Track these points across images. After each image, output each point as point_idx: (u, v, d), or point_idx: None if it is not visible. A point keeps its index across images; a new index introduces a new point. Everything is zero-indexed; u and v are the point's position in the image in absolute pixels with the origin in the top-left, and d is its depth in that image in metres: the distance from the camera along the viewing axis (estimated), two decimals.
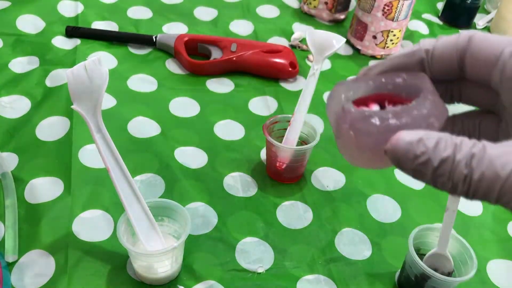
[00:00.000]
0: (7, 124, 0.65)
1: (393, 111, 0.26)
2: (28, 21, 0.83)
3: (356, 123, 0.26)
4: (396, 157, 0.24)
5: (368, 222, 0.60)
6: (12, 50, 0.77)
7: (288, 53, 0.81)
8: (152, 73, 0.78)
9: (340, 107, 0.27)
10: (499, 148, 0.22)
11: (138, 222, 0.48)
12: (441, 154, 0.22)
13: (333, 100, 0.29)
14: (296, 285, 0.53)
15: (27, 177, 0.59)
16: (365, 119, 0.26)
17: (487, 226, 0.62)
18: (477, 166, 0.22)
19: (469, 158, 0.22)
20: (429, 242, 0.53)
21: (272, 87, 0.79)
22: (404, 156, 0.23)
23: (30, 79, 0.73)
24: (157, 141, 0.66)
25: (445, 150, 0.22)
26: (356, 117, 0.26)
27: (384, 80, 0.28)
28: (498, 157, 0.22)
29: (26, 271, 0.50)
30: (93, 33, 0.82)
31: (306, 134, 0.64)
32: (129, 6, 0.90)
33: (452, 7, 1.00)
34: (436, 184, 0.23)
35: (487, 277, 0.57)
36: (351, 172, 0.66)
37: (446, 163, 0.22)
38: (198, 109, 0.73)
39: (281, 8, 0.97)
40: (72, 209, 0.56)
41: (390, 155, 0.24)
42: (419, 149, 0.23)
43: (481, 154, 0.22)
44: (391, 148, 0.24)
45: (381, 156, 0.25)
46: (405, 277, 0.53)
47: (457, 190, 0.23)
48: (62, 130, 0.65)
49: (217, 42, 0.81)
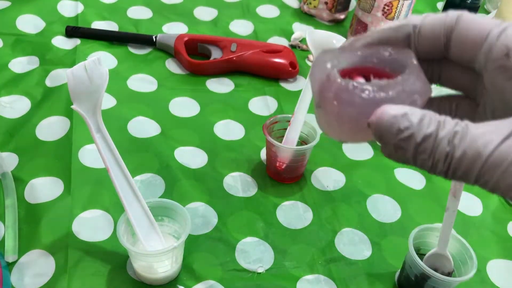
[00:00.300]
0: (7, 124, 0.65)
1: (378, 85, 0.25)
2: (28, 21, 0.83)
3: (341, 93, 0.25)
4: (379, 130, 0.23)
5: (368, 222, 0.60)
6: (12, 50, 0.77)
7: (288, 53, 0.81)
8: (152, 73, 0.78)
9: (325, 76, 0.27)
10: (481, 127, 0.22)
11: (138, 222, 0.48)
12: (424, 130, 0.22)
13: (318, 67, 0.28)
14: (296, 285, 0.53)
15: (27, 177, 0.59)
16: (350, 90, 0.25)
17: (487, 226, 0.62)
18: (459, 144, 0.22)
19: (452, 136, 0.22)
20: (429, 242, 0.53)
21: (272, 87, 0.79)
22: (388, 130, 0.23)
23: (30, 79, 0.73)
24: (157, 141, 0.66)
25: (428, 127, 0.22)
26: (341, 87, 0.25)
27: (370, 53, 0.28)
28: (481, 136, 0.21)
29: (26, 271, 0.50)
30: (93, 33, 0.82)
31: (306, 134, 0.64)
32: (129, 6, 0.90)
33: (452, 7, 0.99)
34: (416, 162, 0.23)
35: (487, 277, 0.57)
36: (351, 172, 0.66)
37: (429, 140, 0.22)
38: (198, 109, 0.73)
39: (281, 8, 0.97)
40: (72, 209, 0.56)
41: (374, 128, 0.23)
42: (403, 123, 0.22)
43: (464, 132, 0.22)
44: (375, 121, 0.23)
45: (361, 129, 0.25)
46: (405, 277, 0.53)
47: (437, 169, 0.23)
48: (62, 130, 0.65)
49: (217, 42, 0.81)
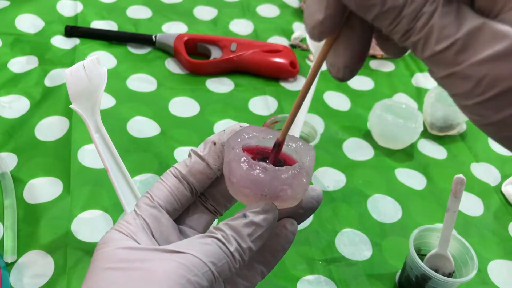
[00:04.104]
0: (6, 124, 0.65)
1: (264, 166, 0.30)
2: (27, 20, 0.82)
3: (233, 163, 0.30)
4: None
5: (368, 223, 0.60)
6: (11, 50, 0.77)
7: (288, 52, 0.81)
8: (151, 72, 0.78)
9: (231, 148, 0.31)
10: (447, 18, 0.22)
11: None
12: (392, 1, 0.22)
13: (232, 138, 0.32)
14: (296, 285, 0.53)
15: (26, 177, 0.59)
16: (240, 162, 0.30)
17: (488, 226, 0.62)
18: (418, 30, 0.22)
19: (414, 16, 0.22)
20: (430, 243, 0.53)
21: (272, 87, 0.79)
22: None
23: (29, 78, 0.72)
24: (157, 141, 0.66)
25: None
26: (236, 158, 0.30)
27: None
28: (441, 29, 0.22)
29: (25, 272, 0.50)
30: (93, 33, 0.81)
31: (306, 134, 0.64)
32: (128, 6, 0.90)
33: None
34: (377, 21, 0.23)
35: (488, 277, 0.57)
36: (351, 172, 0.66)
37: (392, 11, 0.22)
38: (198, 109, 0.73)
39: (281, 8, 0.97)
40: (71, 209, 0.56)
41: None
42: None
43: (426, 19, 0.22)
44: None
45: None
46: (406, 278, 0.52)
47: (394, 35, 0.23)
48: (61, 130, 0.65)
49: (217, 42, 0.81)
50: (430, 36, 0.22)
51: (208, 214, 0.35)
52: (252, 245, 0.29)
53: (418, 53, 0.23)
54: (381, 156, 0.69)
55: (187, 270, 0.27)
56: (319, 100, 0.76)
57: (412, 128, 0.68)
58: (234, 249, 0.29)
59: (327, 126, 0.73)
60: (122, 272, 0.28)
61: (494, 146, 0.73)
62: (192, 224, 0.34)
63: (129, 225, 0.31)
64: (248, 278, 0.33)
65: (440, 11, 0.22)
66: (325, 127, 0.73)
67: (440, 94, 0.72)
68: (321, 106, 0.75)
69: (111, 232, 0.31)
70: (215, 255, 0.28)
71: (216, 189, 0.35)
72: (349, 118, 0.75)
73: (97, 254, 0.30)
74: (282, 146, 0.31)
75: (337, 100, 0.78)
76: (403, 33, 0.23)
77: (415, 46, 0.23)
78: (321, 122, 0.73)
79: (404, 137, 0.69)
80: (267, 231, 0.30)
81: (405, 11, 0.22)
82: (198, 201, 0.35)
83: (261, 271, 0.33)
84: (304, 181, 0.30)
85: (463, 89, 0.22)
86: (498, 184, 0.68)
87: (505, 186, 0.67)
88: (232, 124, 0.34)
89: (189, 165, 0.33)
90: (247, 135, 0.32)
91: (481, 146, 0.74)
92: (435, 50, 0.22)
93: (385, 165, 0.68)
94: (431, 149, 0.72)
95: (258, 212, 0.30)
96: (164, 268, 0.27)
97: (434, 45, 0.22)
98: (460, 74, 0.22)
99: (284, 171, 0.30)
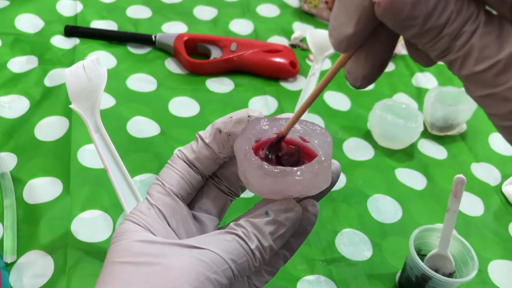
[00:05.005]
0: (6, 124, 0.65)
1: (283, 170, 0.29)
2: (26, 20, 0.82)
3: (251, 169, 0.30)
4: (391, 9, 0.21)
5: (368, 223, 0.60)
6: (10, 50, 0.77)
7: (288, 52, 0.80)
8: (151, 72, 0.77)
9: (243, 151, 0.30)
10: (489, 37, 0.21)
11: None
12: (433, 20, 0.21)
13: (242, 138, 0.31)
14: (296, 286, 0.53)
15: (25, 177, 0.59)
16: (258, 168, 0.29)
17: (488, 226, 0.62)
18: (459, 48, 0.21)
19: (456, 34, 0.21)
20: (430, 243, 0.53)
21: (272, 87, 0.78)
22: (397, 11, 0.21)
23: (29, 78, 0.72)
24: (157, 141, 0.66)
25: (440, 16, 0.21)
26: (252, 164, 0.29)
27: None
28: (481, 50, 0.21)
29: (24, 272, 0.50)
30: (92, 33, 0.81)
31: None
32: (128, 5, 0.90)
33: None
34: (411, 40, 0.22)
35: (488, 277, 0.56)
36: (351, 172, 0.66)
37: (433, 30, 0.21)
38: (198, 109, 0.73)
39: (281, 7, 0.97)
40: (71, 209, 0.56)
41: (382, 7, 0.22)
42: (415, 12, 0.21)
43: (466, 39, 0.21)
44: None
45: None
46: (406, 278, 0.52)
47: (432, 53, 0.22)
48: (61, 130, 0.65)
49: (217, 42, 0.81)
50: (469, 56, 0.21)
51: (223, 196, 0.34)
52: (273, 244, 0.28)
53: (454, 71, 0.22)
54: (381, 156, 0.69)
55: (206, 267, 0.26)
56: (319, 100, 0.76)
57: (412, 128, 0.68)
58: (255, 247, 0.28)
59: (327, 126, 0.73)
60: (140, 267, 0.27)
61: (494, 146, 0.73)
62: (206, 208, 0.33)
63: (144, 215, 0.30)
64: (271, 263, 0.32)
65: (481, 30, 0.21)
66: (325, 127, 0.73)
67: (440, 94, 0.71)
68: (321, 106, 0.75)
69: (126, 223, 0.30)
70: (235, 252, 0.27)
71: (229, 170, 0.33)
72: (349, 118, 0.75)
73: (113, 247, 0.29)
74: (284, 138, 0.30)
75: (337, 100, 0.78)
76: (441, 52, 0.22)
77: (452, 64, 0.22)
78: (321, 122, 0.73)
79: (404, 137, 0.69)
80: (289, 230, 0.29)
81: (445, 31, 0.21)
82: (211, 183, 0.34)
83: (284, 255, 0.32)
84: (324, 176, 0.29)
85: (501, 111, 0.21)
86: (499, 184, 0.68)
87: (505, 186, 0.67)
88: (239, 111, 0.32)
89: (196, 151, 0.32)
90: (255, 130, 0.30)
91: (482, 146, 0.74)
92: (474, 70, 0.21)
93: (385, 165, 0.68)
94: (431, 149, 0.72)
95: (281, 211, 0.29)
96: (183, 264, 0.26)
97: (473, 65, 0.21)
98: (500, 95, 0.21)
99: (305, 172, 0.28)
